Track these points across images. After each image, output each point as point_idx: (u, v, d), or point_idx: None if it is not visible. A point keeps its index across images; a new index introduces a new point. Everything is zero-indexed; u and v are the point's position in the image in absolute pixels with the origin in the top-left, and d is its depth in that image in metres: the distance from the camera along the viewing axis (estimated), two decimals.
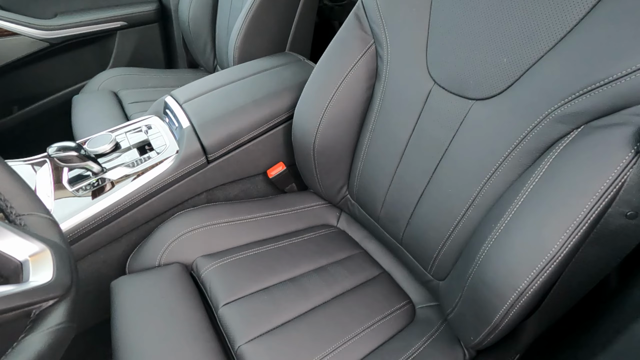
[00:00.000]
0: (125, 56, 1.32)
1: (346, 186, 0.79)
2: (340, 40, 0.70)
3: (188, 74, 1.33)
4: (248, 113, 0.75)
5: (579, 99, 0.42)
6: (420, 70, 0.60)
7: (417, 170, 0.62)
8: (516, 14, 0.48)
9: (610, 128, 0.39)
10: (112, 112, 1.05)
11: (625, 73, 0.38)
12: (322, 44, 1.33)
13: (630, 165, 0.37)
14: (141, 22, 1.29)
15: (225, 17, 1.16)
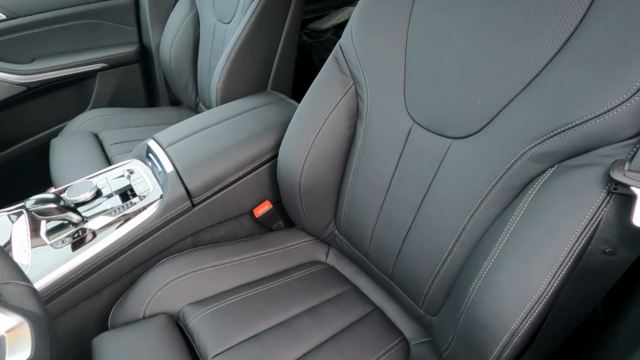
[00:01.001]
0: (106, 97, 1.32)
1: (333, 222, 0.79)
2: (320, 82, 0.72)
3: (170, 111, 1.34)
4: (232, 154, 0.75)
5: (550, 140, 0.44)
6: (400, 109, 0.62)
7: (403, 206, 0.63)
8: (486, 58, 0.51)
9: (582, 168, 0.41)
10: (92, 154, 1.04)
11: (590, 117, 0.40)
12: (303, 80, 1.37)
13: (604, 205, 0.38)
14: (122, 63, 1.30)
15: (206, 57, 1.18)
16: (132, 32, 1.32)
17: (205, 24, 1.18)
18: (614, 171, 0.37)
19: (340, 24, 1.45)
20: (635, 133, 0.38)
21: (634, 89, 0.38)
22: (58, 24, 1.18)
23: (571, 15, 0.43)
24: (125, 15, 1.28)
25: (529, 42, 0.47)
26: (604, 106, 0.39)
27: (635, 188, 0.35)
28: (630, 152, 0.38)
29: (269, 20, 0.96)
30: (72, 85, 1.27)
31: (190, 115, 1.32)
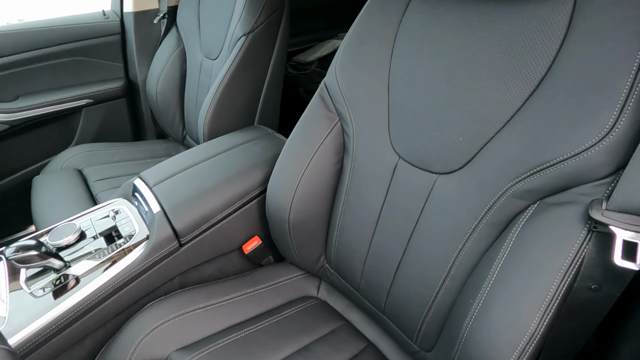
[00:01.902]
0: (91, 132, 1.31)
1: (324, 256, 0.79)
2: (307, 119, 0.73)
3: (157, 145, 1.33)
4: (220, 192, 0.75)
5: (531, 177, 0.45)
6: (385, 145, 0.63)
7: (392, 240, 0.63)
8: (465, 97, 0.53)
9: (563, 206, 0.42)
10: (76, 192, 1.02)
11: (567, 157, 0.42)
12: (289, 111, 1.39)
13: (586, 242, 0.39)
14: (108, 98, 1.30)
15: (193, 91, 1.20)
16: (119, 68, 1.33)
17: (192, 59, 1.20)
18: (592, 210, 0.38)
19: (324, 56, 1.49)
20: (609, 172, 0.40)
21: (606, 130, 0.40)
22: (44, 62, 1.19)
23: (543, 57, 0.46)
24: (111, 52, 1.30)
25: (505, 82, 0.49)
26: (579, 146, 0.41)
27: (613, 227, 0.36)
28: (606, 191, 0.40)
29: (255, 56, 0.98)
30: (57, 122, 1.26)
31: (177, 148, 1.34)
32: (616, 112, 0.39)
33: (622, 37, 0.40)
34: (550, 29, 0.46)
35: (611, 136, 0.39)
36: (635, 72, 0.39)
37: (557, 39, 0.45)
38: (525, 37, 0.48)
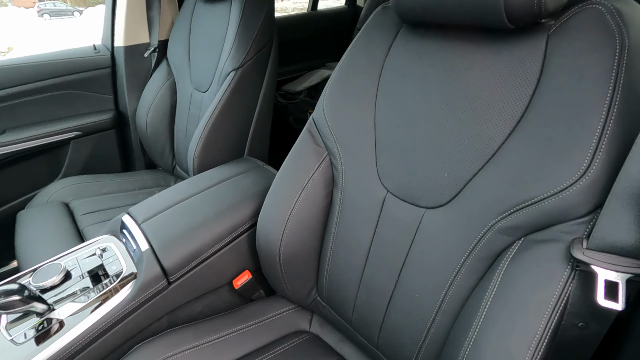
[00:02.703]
0: (79, 164, 1.30)
1: (315, 289, 0.78)
2: (296, 153, 0.74)
3: (146, 175, 1.32)
4: (210, 228, 0.75)
5: (514, 214, 0.47)
6: (373, 179, 0.64)
7: (383, 274, 0.63)
8: (448, 135, 0.55)
9: (546, 243, 0.43)
10: (61, 228, 1.00)
11: (547, 195, 0.43)
12: (279, 140, 1.41)
13: (570, 281, 0.40)
14: (97, 130, 1.30)
15: (183, 123, 1.21)
16: (108, 100, 1.34)
17: (182, 91, 1.22)
18: (574, 249, 0.39)
19: (313, 86, 1.53)
20: (588, 211, 0.41)
21: (582, 171, 0.41)
22: (33, 96, 1.19)
23: (520, 98, 0.48)
24: (101, 84, 1.31)
25: (485, 121, 0.51)
26: (557, 186, 0.43)
27: (595, 267, 0.37)
28: (586, 230, 0.41)
29: (245, 90, 1.00)
30: (44, 154, 1.24)
31: (166, 178, 1.33)
32: (590, 153, 0.41)
33: (591, 82, 0.42)
34: (525, 72, 0.48)
35: (587, 176, 0.41)
36: (605, 115, 0.41)
37: (532, 81, 0.48)
38: (502, 78, 0.50)
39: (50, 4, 15.11)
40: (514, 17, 0.45)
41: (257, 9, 1.00)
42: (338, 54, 2.10)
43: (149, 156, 1.37)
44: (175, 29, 1.25)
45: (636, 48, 0.41)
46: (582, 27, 0.45)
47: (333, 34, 2.01)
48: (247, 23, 0.98)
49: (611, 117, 0.40)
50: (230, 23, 1.02)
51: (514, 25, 0.46)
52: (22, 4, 15.72)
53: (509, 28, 0.47)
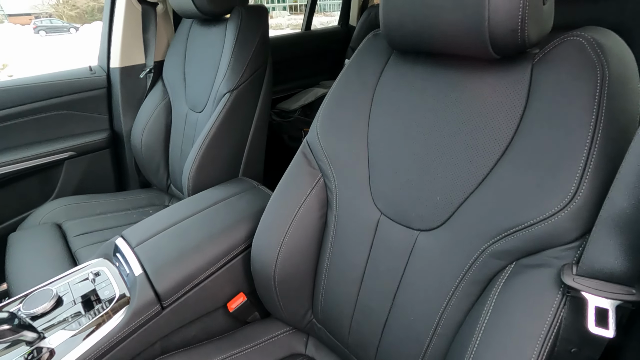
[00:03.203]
0: (72, 184, 1.29)
1: (311, 311, 0.77)
2: (290, 175, 0.75)
3: (140, 194, 1.32)
4: (204, 251, 0.74)
5: (505, 239, 0.47)
6: (367, 201, 0.65)
7: (378, 297, 0.63)
8: (440, 159, 0.56)
9: (538, 269, 0.44)
10: (53, 249, 0.98)
11: (536, 221, 0.44)
12: (274, 158, 1.42)
13: (561, 306, 0.41)
14: (91, 150, 1.30)
15: (178, 142, 1.21)
16: (103, 120, 1.34)
17: (177, 112, 1.23)
18: (564, 275, 0.40)
19: (307, 104, 1.55)
20: (576, 237, 0.42)
21: (569, 197, 0.42)
22: (27, 117, 1.19)
23: (507, 125, 0.50)
24: (96, 105, 1.31)
25: (475, 147, 0.52)
26: (546, 211, 0.43)
27: (585, 293, 0.38)
28: (575, 255, 0.42)
29: (240, 111, 1.01)
30: (37, 175, 1.24)
31: (161, 197, 1.33)
32: (576, 180, 0.42)
33: (575, 111, 0.44)
34: (512, 100, 0.50)
35: (574, 203, 0.42)
36: (589, 143, 0.42)
37: (519, 109, 0.49)
38: (490, 105, 0.52)
39: (46, 21, 15.25)
40: (499, 48, 0.47)
41: (252, 31, 1.02)
42: (332, 72, 2.15)
43: (143, 175, 1.37)
44: (171, 50, 1.27)
45: (616, 78, 0.43)
46: (565, 58, 0.46)
47: (327, 52, 2.05)
48: (242, 45, 1.00)
49: (595, 146, 0.42)
50: (226, 45, 1.03)
51: (499, 55, 0.48)
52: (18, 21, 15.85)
53: (495, 58, 0.49)
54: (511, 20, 0.44)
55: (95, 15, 13.14)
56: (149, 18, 1.24)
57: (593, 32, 0.46)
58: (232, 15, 1.05)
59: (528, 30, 0.45)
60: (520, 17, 0.44)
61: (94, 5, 12.98)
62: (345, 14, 2.18)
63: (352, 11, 2.18)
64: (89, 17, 13.53)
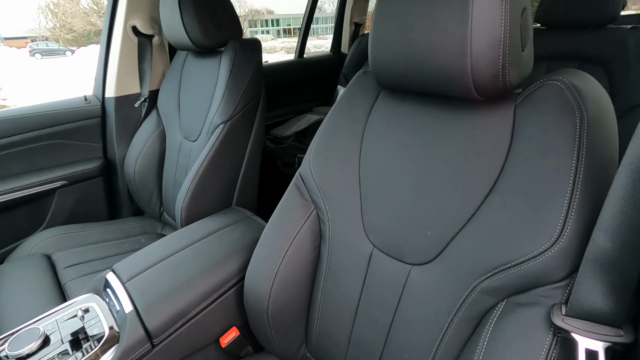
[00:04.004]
0: (64, 213, 1.28)
1: (305, 344, 0.76)
2: (284, 208, 0.75)
3: (133, 222, 1.31)
4: (196, 285, 0.74)
5: (496, 276, 0.48)
6: (359, 234, 0.66)
7: (372, 331, 0.63)
8: (430, 193, 0.57)
9: (528, 307, 0.45)
10: (42, 283, 0.96)
11: (524, 259, 0.45)
12: (267, 185, 1.42)
13: (552, 347, 0.41)
14: (84, 178, 1.29)
15: (171, 171, 1.22)
16: (97, 148, 1.34)
17: (171, 140, 1.24)
18: (554, 316, 0.40)
19: (301, 130, 1.58)
20: (564, 276, 0.43)
21: (555, 236, 0.43)
22: (20, 147, 1.19)
23: (493, 163, 0.51)
24: (90, 134, 1.32)
25: (463, 183, 0.54)
26: (533, 250, 0.44)
27: (575, 335, 0.38)
28: (564, 294, 0.42)
29: (233, 142, 1.03)
30: (27, 204, 1.22)
31: (153, 225, 1.32)
32: (561, 220, 0.43)
33: (557, 152, 0.45)
34: (497, 139, 0.52)
35: (560, 242, 0.43)
36: (572, 184, 0.44)
37: (504, 148, 0.51)
38: (476, 144, 0.53)
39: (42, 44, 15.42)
40: (482, 90, 0.49)
41: (246, 64, 1.05)
42: (325, 98, 2.19)
43: (135, 203, 1.36)
44: (166, 80, 1.29)
45: (594, 122, 0.45)
46: (545, 101, 0.48)
47: (319, 79, 2.10)
48: (235, 78, 1.03)
49: (577, 187, 0.43)
50: (220, 77, 1.06)
51: (482, 97, 0.50)
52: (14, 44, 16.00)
53: (478, 100, 0.51)
54: (492, 67, 0.46)
55: (92, 39, 13.34)
56: (145, 49, 1.27)
57: (570, 76, 0.49)
58: (226, 48, 1.08)
59: (509, 75, 0.47)
60: (501, 63, 0.46)
61: (91, 29, 13.20)
62: (337, 42, 2.25)
63: (343, 39, 2.24)
64: (85, 40, 13.72)
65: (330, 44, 2.28)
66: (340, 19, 2.21)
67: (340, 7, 2.18)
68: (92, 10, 12.41)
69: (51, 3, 13.01)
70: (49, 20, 13.66)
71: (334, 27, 2.24)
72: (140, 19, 1.22)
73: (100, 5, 11.68)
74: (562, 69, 0.52)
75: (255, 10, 18.94)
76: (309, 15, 2.09)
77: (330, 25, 5.77)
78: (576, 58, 1.22)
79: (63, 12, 13.23)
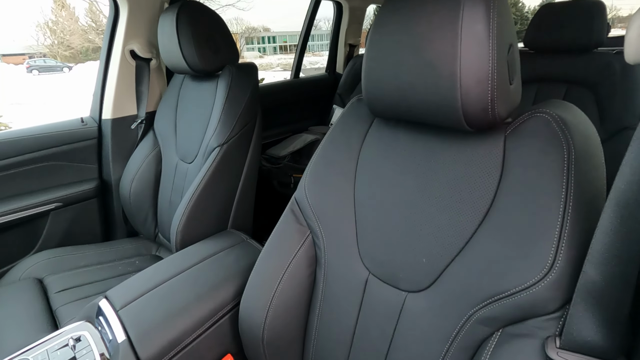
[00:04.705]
0: (57, 236, 1.26)
1: None
2: (279, 233, 0.76)
3: (127, 244, 1.30)
4: (191, 312, 0.73)
5: (490, 306, 0.48)
6: (355, 259, 0.66)
7: (369, 359, 0.62)
8: (425, 221, 0.58)
9: (523, 338, 0.45)
10: (33, 310, 0.95)
11: (517, 290, 0.45)
12: (263, 205, 1.42)
13: None
14: (79, 200, 1.29)
15: (167, 192, 1.22)
16: (92, 169, 1.34)
17: (167, 162, 1.24)
18: (548, 348, 0.41)
19: (297, 150, 1.59)
20: (557, 307, 0.43)
21: (547, 267, 0.44)
22: (15, 169, 1.18)
23: (485, 193, 0.52)
24: (86, 155, 1.32)
25: (456, 211, 0.54)
26: (526, 281, 0.45)
27: None
28: (558, 326, 0.43)
29: (229, 165, 1.03)
30: (20, 227, 1.21)
31: (148, 246, 1.31)
32: (552, 251, 0.44)
33: (546, 183, 0.47)
34: (488, 168, 0.53)
35: (553, 273, 0.43)
36: (561, 215, 0.44)
37: (495, 177, 0.52)
38: (468, 173, 0.54)
39: (40, 61, 15.50)
40: (473, 123, 0.50)
41: (242, 88, 1.07)
42: (320, 117, 2.22)
43: (130, 224, 1.35)
44: (163, 102, 1.30)
45: (581, 154, 0.46)
46: (533, 132, 0.50)
47: (315, 99, 2.13)
48: (232, 102, 1.04)
49: (567, 219, 0.44)
50: (217, 101, 1.07)
51: (473, 129, 0.52)
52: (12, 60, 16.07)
53: (469, 131, 0.53)
54: (482, 101, 0.47)
55: (89, 55, 13.45)
56: (143, 72, 1.29)
57: (557, 108, 0.50)
58: (223, 72, 1.09)
59: (498, 109, 0.48)
60: (489, 98, 0.47)
61: (89, 46, 13.32)
62: (332, 63, 2.29)
63: (338, 60, 2.29)
64: (83, 57, 13.83)
65: (326, 61, 2.32)
66: (335, 41, 2.26)
67: (335, 29, 2.24)
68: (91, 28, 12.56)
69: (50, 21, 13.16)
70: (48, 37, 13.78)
71: (329, 49, 2.30)
72: (138, 43, 1.24)
73: (99, 23, 11.82)
74: (549, 100, 0.54)
75: (252, 28, 19.31)
76: (304, 38, 2.14)
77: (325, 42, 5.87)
78: (564, 81, 1.25)
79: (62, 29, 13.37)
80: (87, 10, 11.80)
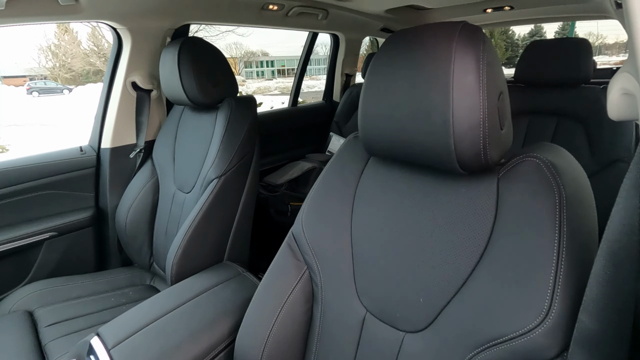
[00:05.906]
0: (50, 265, 1.24)
1: None
2: (276, 268, 0.75)
3: (121, 274, 1.28)
4: (185, 351, 0.71)
5: (488, 350, 0.48)
6: (352, 297, 0.65)
7: None
8: (421, 261, 0.58)
9: None
10: (22, 345, 0.92)
11: (514, 335, 0.45)
12: (260, 233, 1.41)
13: None
14: (74, 229, 1.28)
15: (163, 221, 1.21)
16: (89, 198, 1.34)
17: (164, 191, 1.25)
18: None
19: (294, 178, 1.60)
20: (555, 354, 0.43)
21: (543, 314, 0.44)
22: (12, 198, 1.18)
23: (480, 234, 0.53)
24: (84, 183, 1.32)
25: (452, 252, 0.55)
26: (523, 327, 0.45)
27: None
28: None
29: (227, 196, 1.04)
30: (12, 257, 1.19)
31: (142, 276, 1.29)
32: (548, 297, 0.44)
33: (539, 228, 0.47)
34: (482, 210, 0.54)
35: (549, 320, 0.43)
36: (556, 260, 0.45)
37: (489, 219, 0.53)
38: (463, 214, 0.55)
39: (40, 83, 15.68)
40: (466, 166, 0.52)
41: (241, 121, 1.09)
42: (317, 145, 2.25)
43: (125, 253, 1.34)
44: (163, 131, 1.32)
45: (572, 199, 0.48)
46: (525, 176, 0.51)
47: (312, 126, 2.16)
48: (231, 134, 1.06)
49: (561, 263, 0.45)
50: (215, 133, 1.09)
51: (466, 171, 0.53)
52: (12, 82, 16.23)
53: (463, 173, 0.54)
54: (474, 146, 0.49)
55: (90, 78, 13.65)
56: (143, 103, 1.31)
57: (548, 153, 0.52)
58: (222, 105, 1.12)
59: (490, 153, 0.50)
60: (482, 143, 0.49)
61: (90, 69, 13.55)
62: (329, 92, 2.35)
63: (335, 89, 2.35)
64: (83, 79, 14.04)
65: (323, 84, 2.38)
66: (332, 71, 2.33)
67: (332, 60, 2.31)
68: (93, 52, 12.81)
69: (52, 44, 13.42)
70: (49, 60, 14.01)
71: (326, 78, 2.36)
72: (140, 75, 1.27)
73: (101, 46, 12.05)
74: (540, 143, 0.56)
75: (251, 52, 19.81)
76: (301, 70, 2.20)
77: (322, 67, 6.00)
78: (555, 114, 1.29)
79: (64, 52, 13.63)
80: (90, 34, 12.06)
